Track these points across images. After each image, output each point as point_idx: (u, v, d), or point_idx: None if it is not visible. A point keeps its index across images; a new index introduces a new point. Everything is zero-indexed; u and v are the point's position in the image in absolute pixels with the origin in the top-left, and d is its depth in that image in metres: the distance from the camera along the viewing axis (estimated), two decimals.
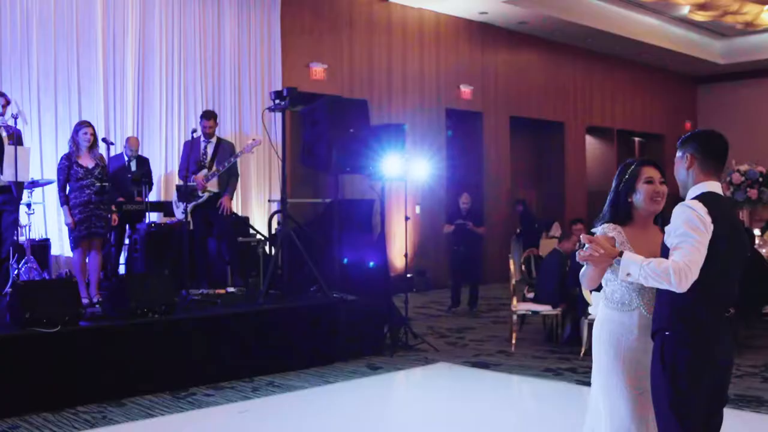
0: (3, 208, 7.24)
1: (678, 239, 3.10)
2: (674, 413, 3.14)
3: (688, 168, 3.31)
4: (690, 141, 3.36)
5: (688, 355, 3.15)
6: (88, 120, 8.14)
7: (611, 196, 3.46)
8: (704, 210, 3.11)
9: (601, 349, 3.39)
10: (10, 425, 5.70)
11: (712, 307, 3.22)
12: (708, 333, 3.19)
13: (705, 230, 3.09)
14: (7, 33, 9.41)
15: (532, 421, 6.09)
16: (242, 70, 11.61)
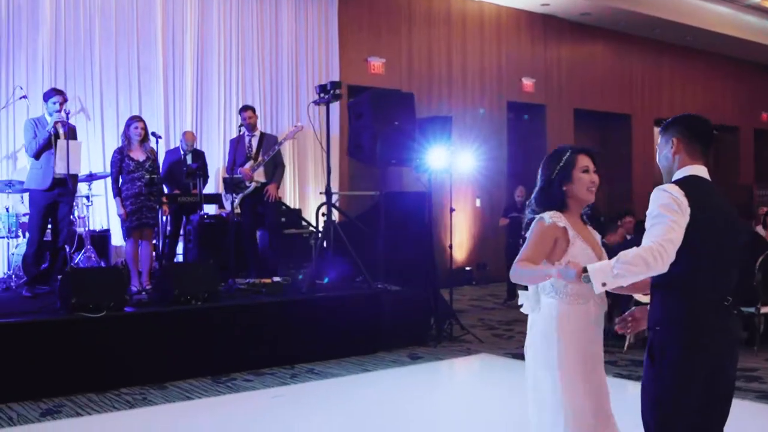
0: (59, 199, 7.55)
1: (652, 221, 3.01)
2: (659, 411, 3.04)
3: (675, 153, 3.19)
4: (674, 125, 3.26)
5: (677, 352, 3.02)
6: (139, 115, 8.43)
7: (543, 183, 3.29)
8: (680, 192, 3.00)
9: (558, 346, 3.15)
10: (55, 404, 5.98)
11: (704, 298, 3.05)
12: (700, 327, 3.02)
13: (680, 211, 2.97)
14: (70, 30, 9.81)
15: None
16: (299, 66, 11.80)
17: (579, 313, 3.17)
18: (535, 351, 3.26)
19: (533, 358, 3.26)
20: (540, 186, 3.30)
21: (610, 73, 16.28)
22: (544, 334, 3.21)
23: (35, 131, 7.45)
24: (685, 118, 3.30)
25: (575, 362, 3.16)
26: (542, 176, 3.32)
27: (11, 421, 5.58)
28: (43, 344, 6.22)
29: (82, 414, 5.77)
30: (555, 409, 3.17)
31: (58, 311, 6.59)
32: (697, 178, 3.15)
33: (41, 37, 9.58)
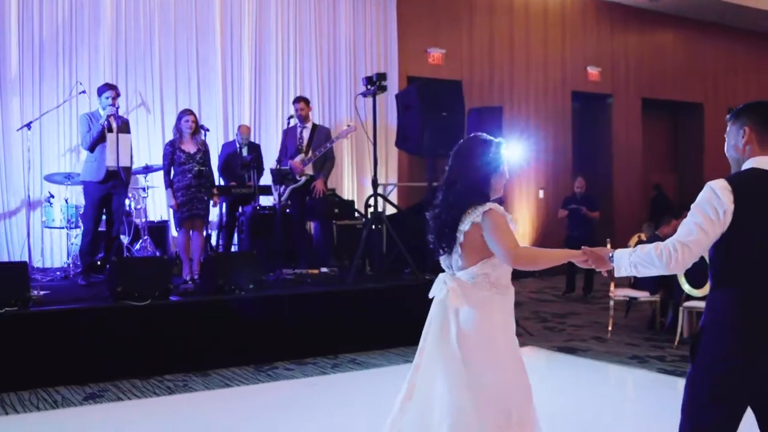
0: (113, 191, 7.78)
1: (687, 218, 2.93)
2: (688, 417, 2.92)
3: (746, 143, 3.00)
4: (746, 113, 3.05)
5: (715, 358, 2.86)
6: (190, 108, 8.59)
7: (478, 174, 3.21)
8: (725, 188, 2.84)
9: (491, 335, 3.16)
10: (100, 389, 6.18)
11: (753, 301, 2.85)
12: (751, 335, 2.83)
13: (714, 212, 2.84)
14: (131, 26, 10.09)
15: (591, 406, 5.96)
16: (357, 57, 11.86)
17: (506, 303, 3.25)
18: (471, 343, 3.15)
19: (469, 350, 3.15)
20: (474, 176, 3.20)
21: (680, 60, 15.85)
22: (478, 328, 3.16)
23: (89, 125, 7.70)
24: (758, 105, 3.09)
25: (511, 351, 3.23)
26: (473, 167, 3.21)
27: (55, 404, 5.80)
28: (90, 331, 6.44)
29: (122, 399, 5.96)
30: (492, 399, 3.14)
31: (106, 299, 6.81)
32: (759, 171, 2.95)
33: (102, 34, 9.88)
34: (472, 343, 3.15)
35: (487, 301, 3.17)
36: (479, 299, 3.16)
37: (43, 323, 6.28)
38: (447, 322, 3.18)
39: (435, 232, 3.23)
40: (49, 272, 8.66)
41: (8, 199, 9.27)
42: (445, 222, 3.18)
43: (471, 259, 3.16)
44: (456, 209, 3.15)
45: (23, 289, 6.32)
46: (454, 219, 3.14)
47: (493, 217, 3.12)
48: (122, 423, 5.45)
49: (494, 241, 3.10)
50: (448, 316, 3.18)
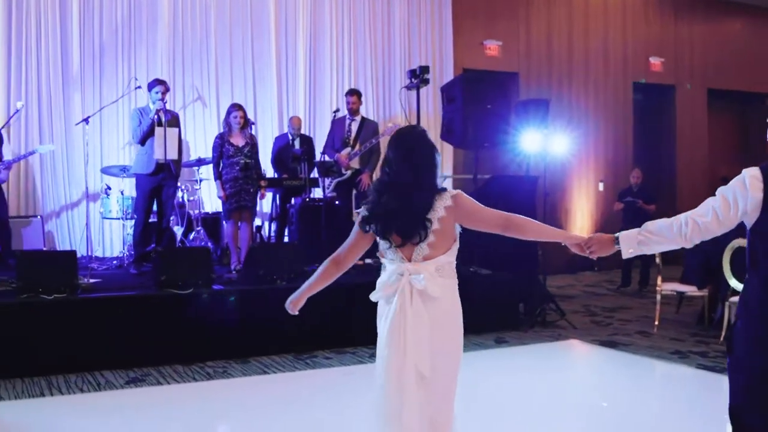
0: (163, 183, 8.04)
1: (711, 198, 2.93)
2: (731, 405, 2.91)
3: None
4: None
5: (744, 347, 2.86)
6: (239, 103, 8.79)
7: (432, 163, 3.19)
8: (758, 175, 2.81)
9: (458, 324, 3.20)
10: (143, 373, 6.42)
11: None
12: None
13: (734, 202, 2.84)
14: (187, 24, 10.36)
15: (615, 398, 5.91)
16: (412, 51, 11.90)
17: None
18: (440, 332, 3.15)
19: (440, 340, 3.14)
20: (435, 165, 3.22)
21: (748, 49, 15.36)
22: (451, 317, 3.19)
23: (140, 119, 7.97)
24: None
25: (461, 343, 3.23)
26: (426, 155, 3.19)
27: (98, 387, 6.05)
28: (135, 318, 6.69)
29: (162, 383, 6.18)
30: (450, 390, 3.21)
31: (151, 288, 7.05)
32: None
33: (160, 31, 10.16)
34: (445, 331, 3.16)
35: (453, 289, 3.21)
36: (447, 287, 3.17)
37: (89, 310, 6.56)
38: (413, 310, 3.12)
39: (403, 222, 3.11)
40: (105, 261, 9.00)
41: (70, 191, 9.64)
42: (417, 211, 3.10)
43: (439, 247, 3.12)
44: (426, 197, 3.11)
45: (71, 276, 6.61)
46: (426, 206, 3.11)
47: (463, 196, 3.18)
48: (157, 405, 5.67)
49: (483, 213, 3.19)
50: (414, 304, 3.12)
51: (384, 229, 3.14)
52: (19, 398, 5.73)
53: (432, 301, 3.11)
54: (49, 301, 6.39)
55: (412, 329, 3.09)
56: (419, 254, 3.13)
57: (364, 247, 3.34)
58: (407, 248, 3.14)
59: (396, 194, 3.12)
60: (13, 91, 9.40)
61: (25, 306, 6.34)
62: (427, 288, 3.09)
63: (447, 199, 3.12)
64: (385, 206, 3.13)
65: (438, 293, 3.11)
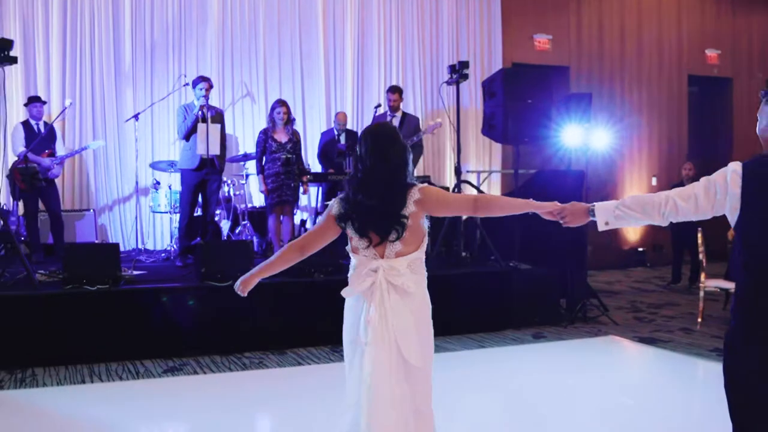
0: (207, 178, 8.23)
1: (695, 182, 2.94)
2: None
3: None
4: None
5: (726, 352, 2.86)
6: (284, 99, 8.95)
7: (402, 160, 3.22)
8: (736, 174, 2.79)
9: (429, 318, 3.30)
10: (181, 362, 6.61)
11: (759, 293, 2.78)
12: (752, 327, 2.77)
13: (713, 191, 2.84)
14: (236, 22, 10.56)
15: (650, 397, 5.86)
16: (461, 46, 11.90)
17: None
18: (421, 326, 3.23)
19: (422, 332, 3.22)
20: (406, 162, 3.24)
21: None
22: (425, 310, 3.27)
23: (185, 115, 8.17)
24: None
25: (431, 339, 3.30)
26: (397, 152, 3.22)
27: (137, 375, 6.25)
28: (175, 309, 6.87)
29: (198, 373, 6.35)
30: (430, 382, 3.27)
31: (192, 280, 7.24)
32: None
33: (209, 30, 10.38)
34: (416, 324, 3.20)
35: (424, 284, 3.27)
36: (419, 282, 3.23)
37: (131, 301, 6.77)
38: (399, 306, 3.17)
39: (379, 221, 3.15)
40: (154, 254, 9.24)
41: (122, 185, 9.93)
42: (393, 209, 3.13)
43: (411, 242, 3.17)
44: (401, 195, 3.14)
45: (114, 268, 6.82)
46: (401, 204, 3.13)
47: (430, 188, 3.23)
48: (191, 393, 5.84)
49: (449, 199, 3.33)
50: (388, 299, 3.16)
51: (362, 227, 3.17)
52: (61, 385, 5.97)
53: (408, 296, 3.17)
54: (92, 292, 6.61)
55: (396, 323, 3.13)
56: (392, 251, 3.17)
57: (330, 237, 3.38)
58: (381, 245, 3.17)
59: (372, 193, 3.15)
60: (68, 88, 9.71)
61: (70, 296, 6.58)
62: (404, 283, 3.14)
63: (415, 194, 3.14)
64: (361, 205, 3.16)
65: (413, 289, 3.17)
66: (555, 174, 10.37)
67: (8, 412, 5.40)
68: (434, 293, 7.48)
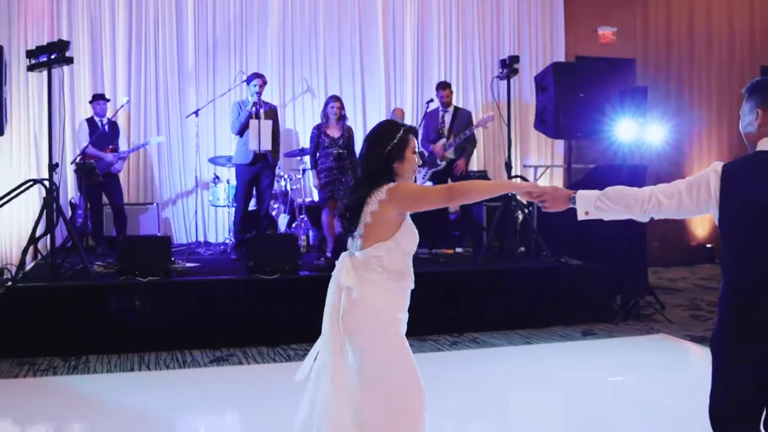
0: (260, 172, 8.42)
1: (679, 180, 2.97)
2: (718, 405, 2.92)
3: (760, 125, 2.89)
4: (759, 93, 2.92)
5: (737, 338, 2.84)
6: (337, 95, 9.07)
7: (381, 158, 3.21)
8: (716, 174, 2.82)
9: (373, 316, 3.18)
10: (229, 353, 6.79)
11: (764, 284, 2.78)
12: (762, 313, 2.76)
13: (696, 190, 2.86)
14: (297, 18, 10.72)
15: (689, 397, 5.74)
16: (522, 40, 11.78)
17: (397, 290, 3.23)
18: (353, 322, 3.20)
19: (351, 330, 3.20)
20: (373, 161, 3.23)
21: None
22: (365, 306, 3.19)
23: (239, 112, 8.36)
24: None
25: (393, 339, 3.19)
26: (374, 152, 3.24)
27: (184, 364, 6.47)
28: (224, 300, 7.07)
29: (244, 363, 6.52)
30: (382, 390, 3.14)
31: (242, 272, 7.42)
32: (764, 155, 2.86)
33: (270, 25, 10.57)
34: (354, 323, 3.19)
35: (375, 284, 3.19)
36: (367, 280, 3.18)
37: (181, 292, 7.00)
38: (338, 301, 3.24)
39: (342, 213, 3.30)
40: (212, 247, 9.48)
41: (185, 179, 10.21)
42: (350, 203, 3.24)
43: (368, 240, 3.19)
44: (361, 190, 3.20)
45: (166, 261, 7.06)
46: (359, 200, 3.19)
47: (399, 186, 3.20)
48: (231, 382, 6.02)
49: (420, 193, 3.28)
50: (340, 295, 3.23)
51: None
52: (111, 372, 6.21)
53: (349, 290, 3.19)
54: (144, 283, 6.85)
55: (326, 316, 3.29)
56: (356, 245, 3.27)
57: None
58: (351, 239, 3.31)
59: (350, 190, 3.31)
60: (133, 86, 10.04)
61: (123, 287, 6.84)
62: (341, 276, 3.21)
63: (383, 192, 3.15)
64: (341, 197, 3.38)
65: (350, 282, 3.18)
66: (616, 169, 10.20)
67: (59, 397, 5.68)
68: (481, 288, 7.56)
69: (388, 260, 3.19)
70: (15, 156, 9.41)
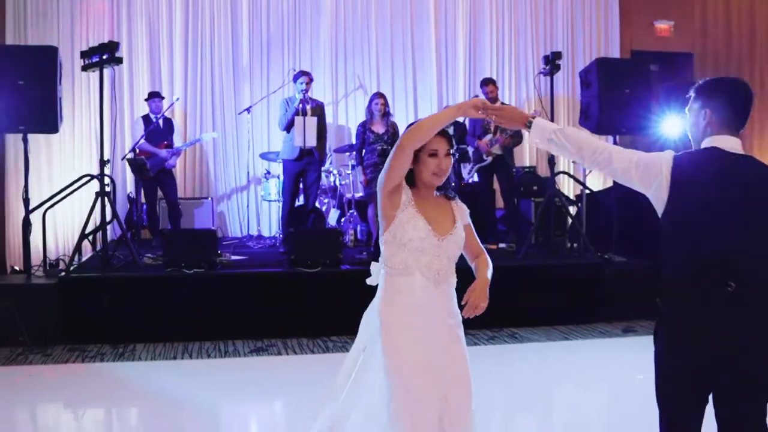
0: (307, 168, 8.60)
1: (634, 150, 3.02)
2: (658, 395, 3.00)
3: (707, 125, 2.93)
4: (707, 94, 2.95)
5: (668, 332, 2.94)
6: (381, 91, 9.20)
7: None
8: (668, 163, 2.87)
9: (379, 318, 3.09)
10: (269, 343, 6.99)
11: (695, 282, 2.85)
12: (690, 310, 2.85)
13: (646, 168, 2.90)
14: (349, 16, 10.89)
15: None
16: (576, 35, 11.70)
17: (402, 284, 3.07)
18: (368, 325, 3.18)
19: (366, 333, 3.18)
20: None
21: None
22: (374, 308, 3.16)
23: (286, 108, 8.57)
24: (718, 85, 3.00)
25: (399, 337, 3.02)
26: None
27: (225, 353, 6.69)
28: (266, 292, 7.28)
29: (282, 354, 6.71)
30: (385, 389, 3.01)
31: (284, 265, 7.62)
32: (717, 151, 2.91)
33: (323, 24, 10.76)
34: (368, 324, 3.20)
35: (386, 281, 3.14)
36: (382, 276, 3.16)
37: (224, 284, 7.22)
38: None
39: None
40: (263, 240, 9.72)
41: (239, 174, 10.49)
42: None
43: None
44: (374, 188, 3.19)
45: (211, 253, 7.29)
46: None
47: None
48: (268, 372, 6.22)
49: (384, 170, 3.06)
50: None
51: None
52: (155, 360, 6.48)
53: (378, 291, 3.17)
54: (188, 275, 7.11)
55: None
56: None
57: None
58: None
59: None
60: (189, 83, 10.37)
61: (169, 279, 7.11)
62: (372, 277, 3.21)
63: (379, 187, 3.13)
64: None
65: (373, 281, 3.19)
66: None
67: (104, 382, 5.98)
68: (521, 283, 7.59)
69: (387, 253, 3.11)
70: (77, 151, 9.80)
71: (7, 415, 5.37)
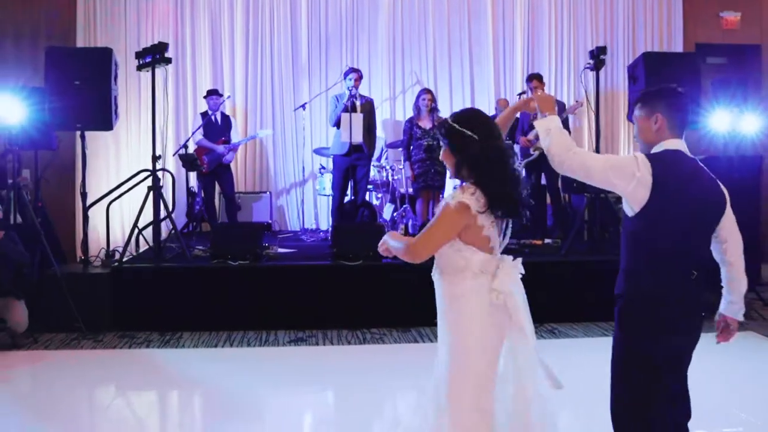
0: (356, 163, 8.81)
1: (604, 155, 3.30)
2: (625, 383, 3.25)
3: (658, 130, 3.15)
4: (658, 100, 3.19)
5: (639, 321, 3.22)
6: (428, 87, 9.34)
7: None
8: (646, 164, 3.05)
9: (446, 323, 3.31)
10: (308, 334, 7.21)
11: (664, 272, 3.14)
12: (660, 298, 3.15)
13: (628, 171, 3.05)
14: (406, 11, 11.05)
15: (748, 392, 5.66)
16: (637, 28, 11.53)
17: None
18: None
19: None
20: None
21: None
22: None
23: (336, 104, 8.78)
24: (668, 92, 3.23)
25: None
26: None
27: (265, 342, 6.95)
28: (309, 285, 7.50)
29: (320, 344, 6.92)
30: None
31: (328, 259, 7.84)
32: (677, 153, 3.14)
33: (380, 20, 10.94)
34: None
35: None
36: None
37: (268, 275, 7.48)
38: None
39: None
40: (316, 233, 9.98)
41: (297, 169, 10.76)
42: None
43: None
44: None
45: (256, 246, 7.56)
46: None
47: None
48: (306, 361, 6.45)
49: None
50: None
51: None
52: (197, 347, 6.78)
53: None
54: (234, 266, 7.40)
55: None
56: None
57: None
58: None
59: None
60: (250, 81, 10.72)
61: (215, 270, 7.41)
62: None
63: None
64: None
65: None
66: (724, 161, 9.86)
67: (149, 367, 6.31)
68: (562, 279, 7.60)
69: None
70: (142, 147, 10.23)
71: (58, 396, 5.72)
